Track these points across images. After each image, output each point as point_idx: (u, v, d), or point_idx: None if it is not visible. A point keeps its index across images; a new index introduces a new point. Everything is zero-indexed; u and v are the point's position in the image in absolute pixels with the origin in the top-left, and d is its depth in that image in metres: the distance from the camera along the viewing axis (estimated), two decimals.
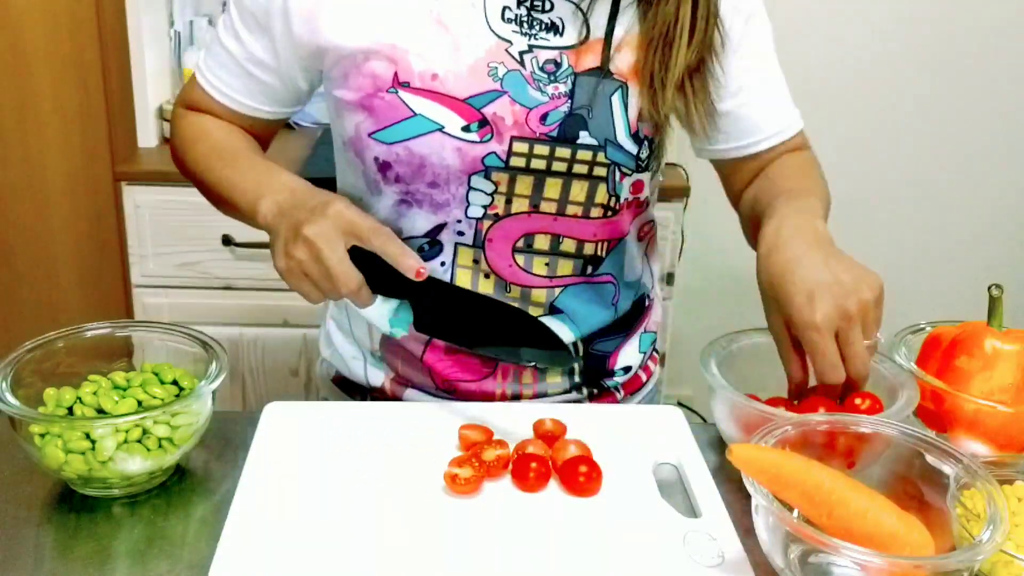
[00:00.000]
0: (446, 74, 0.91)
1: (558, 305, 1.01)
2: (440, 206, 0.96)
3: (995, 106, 2.31)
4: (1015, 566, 0.69)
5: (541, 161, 0.93)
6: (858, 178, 2.32)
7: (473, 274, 0.99)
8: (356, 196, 1.02)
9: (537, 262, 0.99)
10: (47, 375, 0.87)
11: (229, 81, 1.00)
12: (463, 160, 0.93)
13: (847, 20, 2.23)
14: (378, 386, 1.07)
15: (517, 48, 0.92)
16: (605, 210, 0.98)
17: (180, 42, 2.08)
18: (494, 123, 0.92)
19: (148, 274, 1.93)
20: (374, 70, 0.92)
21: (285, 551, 0.73)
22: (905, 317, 1.02)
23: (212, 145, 1.02)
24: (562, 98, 0.92)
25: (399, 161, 0.95)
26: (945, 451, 0.75)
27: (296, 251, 0.86)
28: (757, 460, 0.71)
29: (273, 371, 2.00)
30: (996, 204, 2.38)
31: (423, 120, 0.92)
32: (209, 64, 1.02)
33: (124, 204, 1.89)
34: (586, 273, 1.01)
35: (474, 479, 0.80)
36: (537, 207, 0.96)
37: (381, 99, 0.92)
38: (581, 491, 0.81)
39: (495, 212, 0.96)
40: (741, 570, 0.73)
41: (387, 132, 0.93)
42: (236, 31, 0.98)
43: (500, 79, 0.92)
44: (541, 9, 0.93)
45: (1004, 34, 2.25)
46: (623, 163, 0.95)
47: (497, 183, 0.94)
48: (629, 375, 1.10)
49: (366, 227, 0.86)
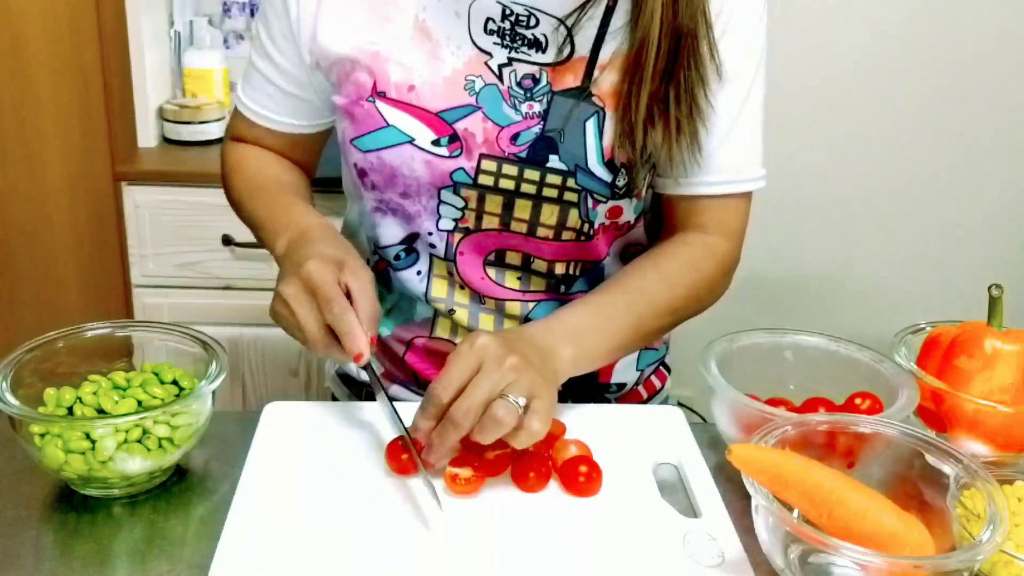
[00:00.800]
0: (422, 85, 0.91)
1: (533, 318, 1.00)
2: (412, 217, 0.97)
3: (995, 106, 2.31)
4: (1015, 566, 0.69)
5: (510, 181, 0.93)
6: (858, 178, 2.32)
7: (448, 285, 1.00)
8: (352, 199, 1.05)
9: (509, 276, 0.99)
10: (47, 375, 0.86)
11: (265, 103, 1.02)
12: (432, 173, 0.93)
13: (846, 20, 2.23)
14: (367, 381, 1.07)
15: (496, 61, 0.92)
16: (578, 234, 0.96)
17: (180, 42, 2.08)
18: (464, 139, 0.92)
19: (148, 274, 1.93)
20: (358, 78, 0.93)
21: (285, 551, 0.73)
22: (905, 317, 1.02)
23: (248, 178, 1.04)
24: (535, 119, 0.91)
25: (373, 169, 0.95)
26: (945, 451, 0.75)
27: (275, 304, 0.88)
28: (757, 460, 0.71)
29: (273, 371, 2.00)
30: (996, 204, 2.38)
31: (395, 131, 0.92)
32: (246, 90, 1.04)
33: (124, 204, 1.89)
34: (559, 291, 1.01)
35: (474, 479, 0.80)
36: (507, 226, 0.96)
37: (361, 107, 0.93)
38: (581, 491, 0.81)
39: (466, 226, 0.96)
40: (741, 570, 0.73)
41: (364, 140, 0.94)
42: (266, 50, 0.99)
43: (476, 93, 0.91)
44: (526, 24, 0.91)
45: (1003, 34, 2.25)
46: (595, 190, 0.93)
47: (467, 199, 0.94)
48: (624, 391, 1.09)
49: (322, 296, 0.83)
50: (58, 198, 1.91)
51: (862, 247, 2.36)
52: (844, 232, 2.35)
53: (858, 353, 0.95)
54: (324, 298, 0.83)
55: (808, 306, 2.36)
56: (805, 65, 2.18)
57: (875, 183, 2.34)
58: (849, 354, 0.95)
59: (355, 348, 0.82)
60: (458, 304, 1.00)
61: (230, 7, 2.18)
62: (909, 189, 2.36)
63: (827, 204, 2.31)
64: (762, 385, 0.92)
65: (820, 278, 2.37)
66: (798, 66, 2.20)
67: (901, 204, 2.37)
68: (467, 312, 1.01)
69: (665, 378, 1.16)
